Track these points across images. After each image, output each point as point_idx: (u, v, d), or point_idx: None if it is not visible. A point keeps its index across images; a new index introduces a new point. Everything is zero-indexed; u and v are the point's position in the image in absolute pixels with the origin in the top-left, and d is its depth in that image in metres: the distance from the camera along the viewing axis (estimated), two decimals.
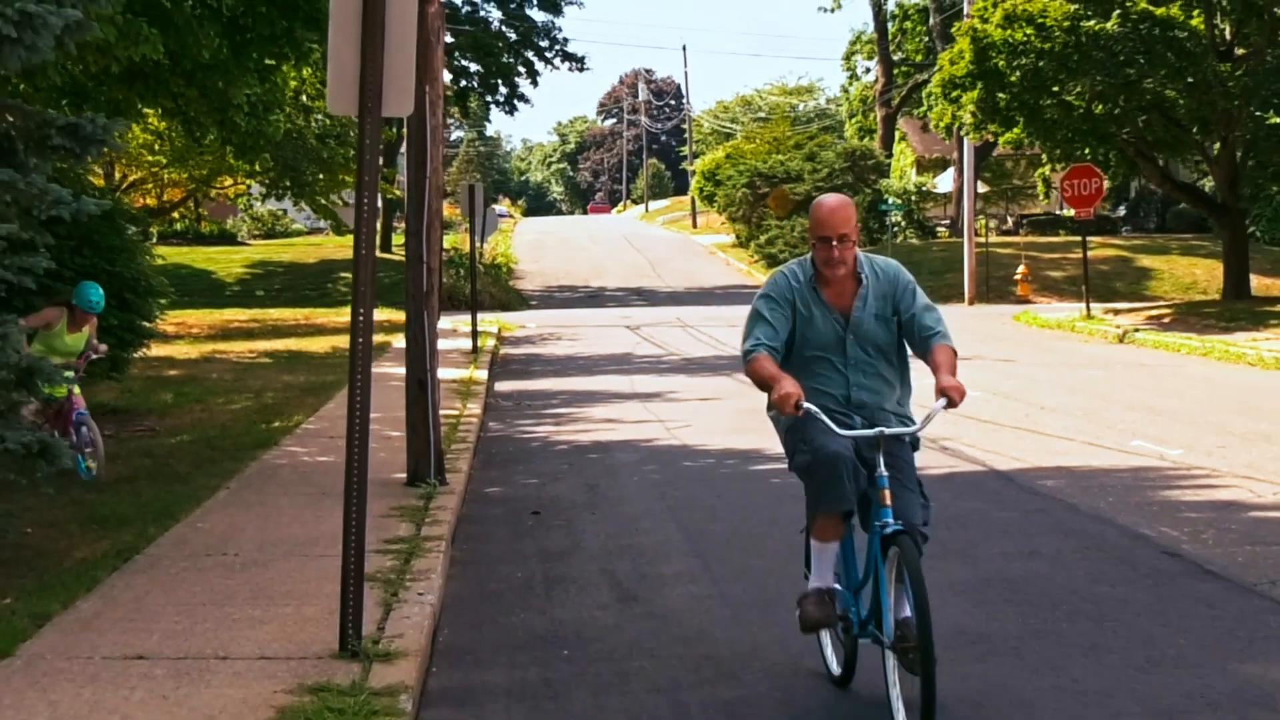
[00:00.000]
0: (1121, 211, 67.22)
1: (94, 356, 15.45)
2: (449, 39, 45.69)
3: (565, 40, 63.44)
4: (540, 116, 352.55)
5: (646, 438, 18.75)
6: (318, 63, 21.14)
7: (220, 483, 14.54)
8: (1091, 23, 34.78)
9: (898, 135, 75.29)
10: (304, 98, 32.94)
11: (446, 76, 40.53)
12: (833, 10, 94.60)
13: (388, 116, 8.91)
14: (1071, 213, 41.83)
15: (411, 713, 7.60)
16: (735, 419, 19.78)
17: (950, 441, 17.09)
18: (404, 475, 14.50)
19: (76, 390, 14.86)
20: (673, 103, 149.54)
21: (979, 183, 63.93)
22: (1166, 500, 13.56)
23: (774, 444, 8.67)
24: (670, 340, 34.81)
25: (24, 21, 10.50)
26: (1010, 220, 68.70)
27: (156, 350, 24.83)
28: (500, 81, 62.95)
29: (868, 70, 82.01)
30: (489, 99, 64.73)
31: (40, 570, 10.70)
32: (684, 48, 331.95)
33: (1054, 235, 61.05)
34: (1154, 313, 38.31)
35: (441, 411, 15.60)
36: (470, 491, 14.94)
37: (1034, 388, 23.24)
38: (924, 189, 68.60)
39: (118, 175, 43.96)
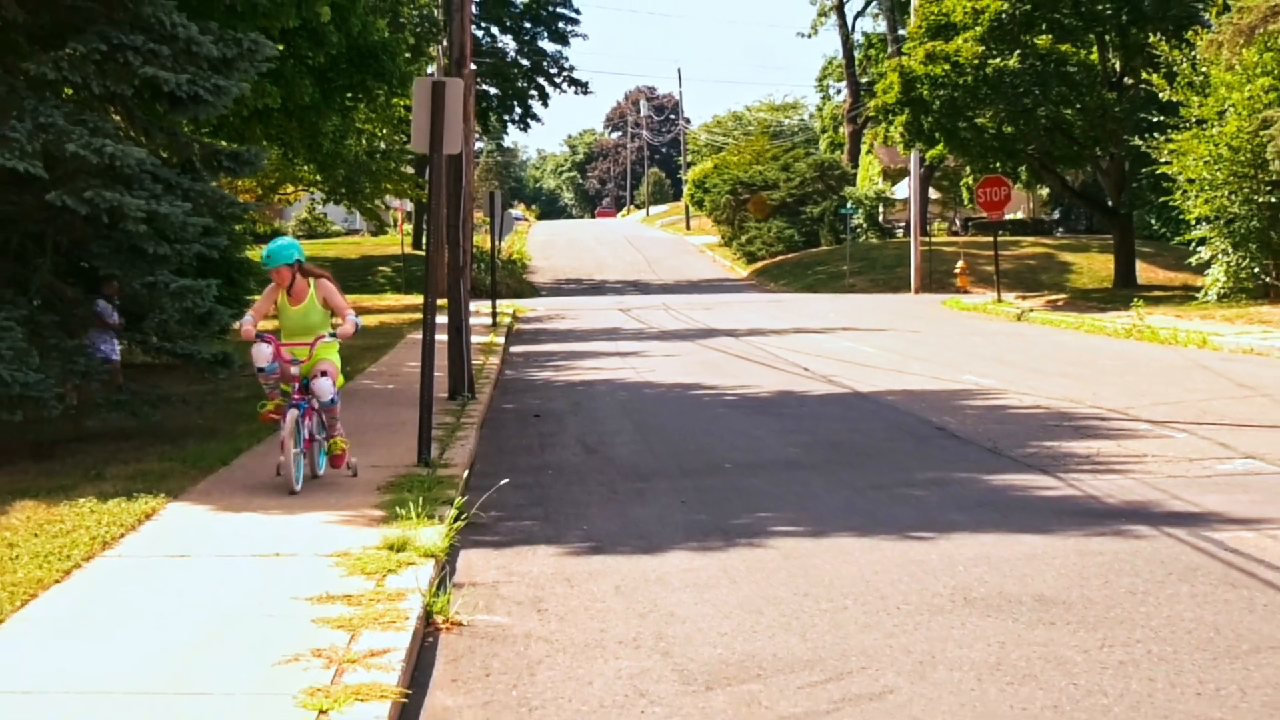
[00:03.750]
0: (1056, 215, 71.96)
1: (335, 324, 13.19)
2: (472, 66, 50.94)
3: (572, 68, 68.96)
4: (553, 129, 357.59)
5: (620, 379, 23.87)
6: (381, 103, 26.50)
7: None
8: (997, 60, 40.04)
9: (865, 148, 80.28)
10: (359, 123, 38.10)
11: None
12: (810, 36, 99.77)
13: (447, 152, 14.20)
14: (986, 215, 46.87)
15: (459, 488, 12.74)
16: (687, 368, 24.95)
17: (834, 376, 22.36)
18: (446, 394, 19.67)
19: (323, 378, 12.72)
20: (672, 117, 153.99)
21: (932, 189, 68.94)
22: (958, 405, 18.75)
23: (711, 380, 13.78)
24: (653, 319, 39.91)
25: (216, 90, 15.79)
26: (958, 222, 73.44)
27: None
28: (516, 103, 68.24)
29: (838, 91, 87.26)
30: (506, 117, 69.97)
31: (217, 438, 15.93)
32: (679, 71, 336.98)
33: (995, 236, 65.77)
34: (1054, 298, 43.43)
35: (469, 363, 20.86)
36: (491, 406, 20.15)
37: (919, 348, 28.24)
38: (883, 196, 73.48)
39: None
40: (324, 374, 12.30)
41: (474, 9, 52.56)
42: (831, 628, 8.19)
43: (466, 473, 13.72)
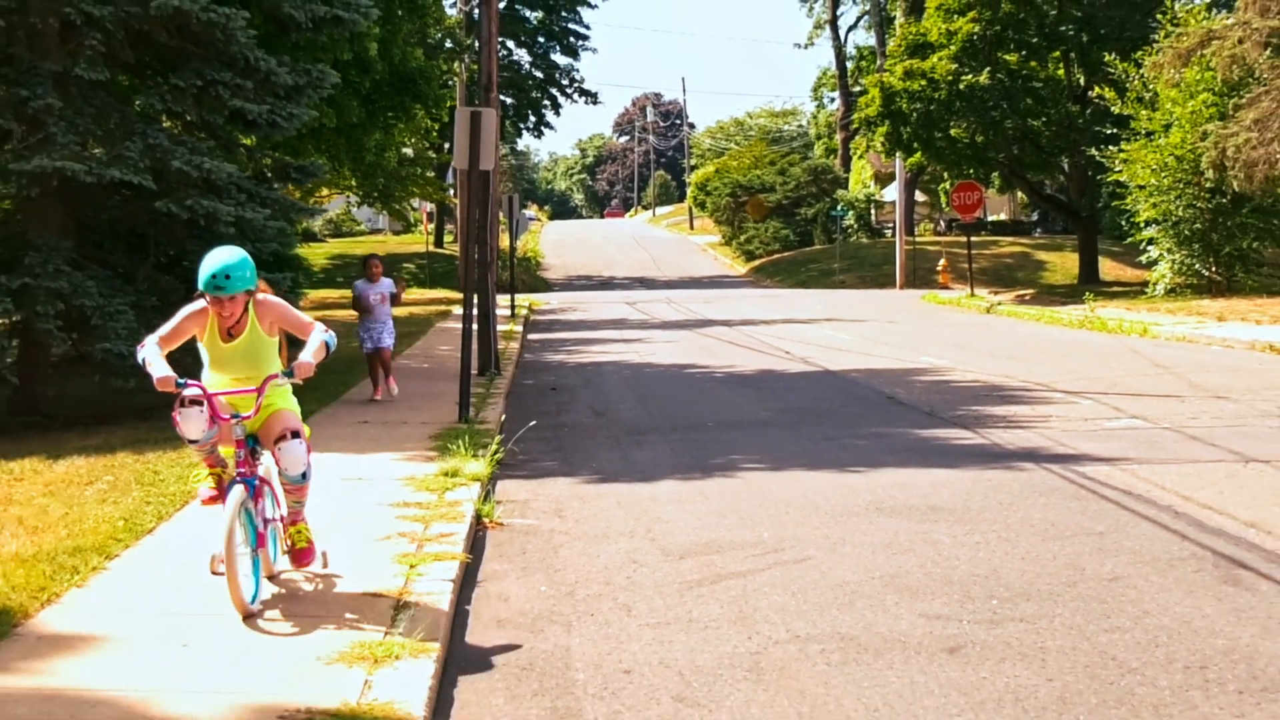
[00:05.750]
0: (1035, 216, 74.43)
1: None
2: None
3: (582, 80, 71.58)
4: (564, 133, 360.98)
5: (625, 360, 26.49)
6: (419, 120, 29.29)
7: None
8: (969, 76, 42.69)
9: (857, 154, 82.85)
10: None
11: None
12: (806, 47, 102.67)
13: (482, 169, 16.87)
14: (959, 217, 49.49)
15: (494, 437, 15.36)
16: (684, 352, 27.60)
17: (811, 358, 25.03)
18: (476, 370, 22.29)
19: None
20: (677, 123, 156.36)
21: (919, 192, 71.42)
22: (910, 380, 21.38)
23: (704, 361, 16.36)
24: (657, 311, 42.53)
25: (289, 117, 18.47)
26: (942, 223, 75.91)
27: None
28: (530, 111, 70.98)
29: (832, 100, 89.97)
30: (521, 125, 72.64)
31: None
32: (683, 80, 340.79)
33: (976, 235, 68.31)
34: (1023, 293, 46.02)
35: (495, 344, 23.51)
36: (514, 381, 22.80)
37: (891, 335, 30.84)
38: (872, 199, 75.99)
39: None
40: (293, 435, 8.47)
41: None
42: (775, 525, 10.83)
43: (498, 428, 16.36)
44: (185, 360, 9.40)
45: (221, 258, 8.15)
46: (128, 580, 8.82)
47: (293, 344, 8.85)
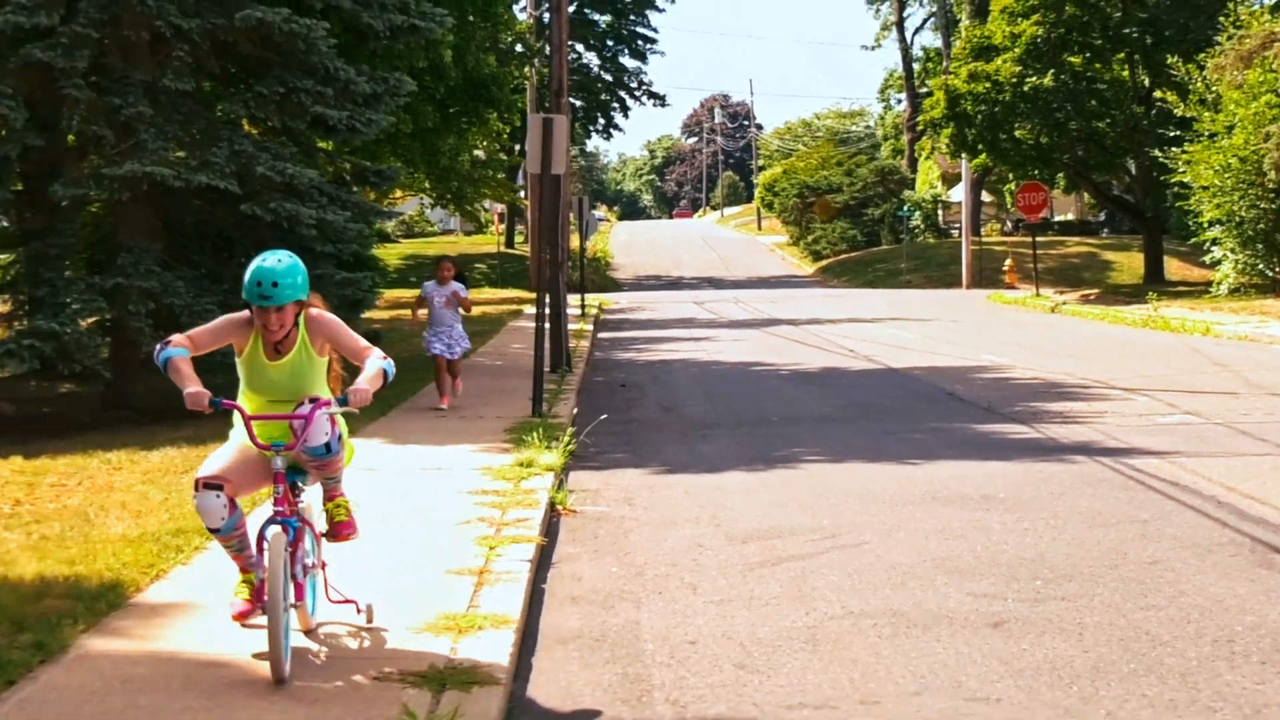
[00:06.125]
0: (1102, 216, 74.27)
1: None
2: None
3: (650, 82, 72.48)
4: (632, 134, 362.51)
5: (693, 358, 27.01)
6: (491, 125, 30.00)
7: None
8: (1033, 79, 42.93)
9: (924, 154, 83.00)
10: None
11: None
12: (873, 49, 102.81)
13: (554, 173, 17.45)
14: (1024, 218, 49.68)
15: (566, 428, 15.89)
16: (750, 350, 28.10)
17: (874, 356, 25.48)
18: (548, 367, 22.87)
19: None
20: (745, 123, 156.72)
21: (985, 192, 71.49)
22: (971, 377, 21.78)
23: (770, 359, 16.83)
24: (724, 310, 43.03)
25: (368, 122, 19.13)
26: (1009, 223, 75.89)
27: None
28: (599, 114, 71.66)
29: (899, 101, 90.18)
30: (590, 127, 73.34)
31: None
32: (750, 81, 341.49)
33: (1042, 235, 68.35)
34: (1088, 293, 46.16)
35: (566, 342, 24.10)
36: (585, 378, 23.37)
37: (954, 334, 31.20)
38: (939, 199, 76.14)
39: None
40: (311, 402, 7.21)
41: None
42: (834, 513, 11.32)
43: (570, 422, 16.91)
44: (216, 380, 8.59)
45: (269, 262, 7.01)
46: (227, 558, 9.43)
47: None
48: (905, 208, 68.99)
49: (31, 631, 7.41)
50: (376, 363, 7.25)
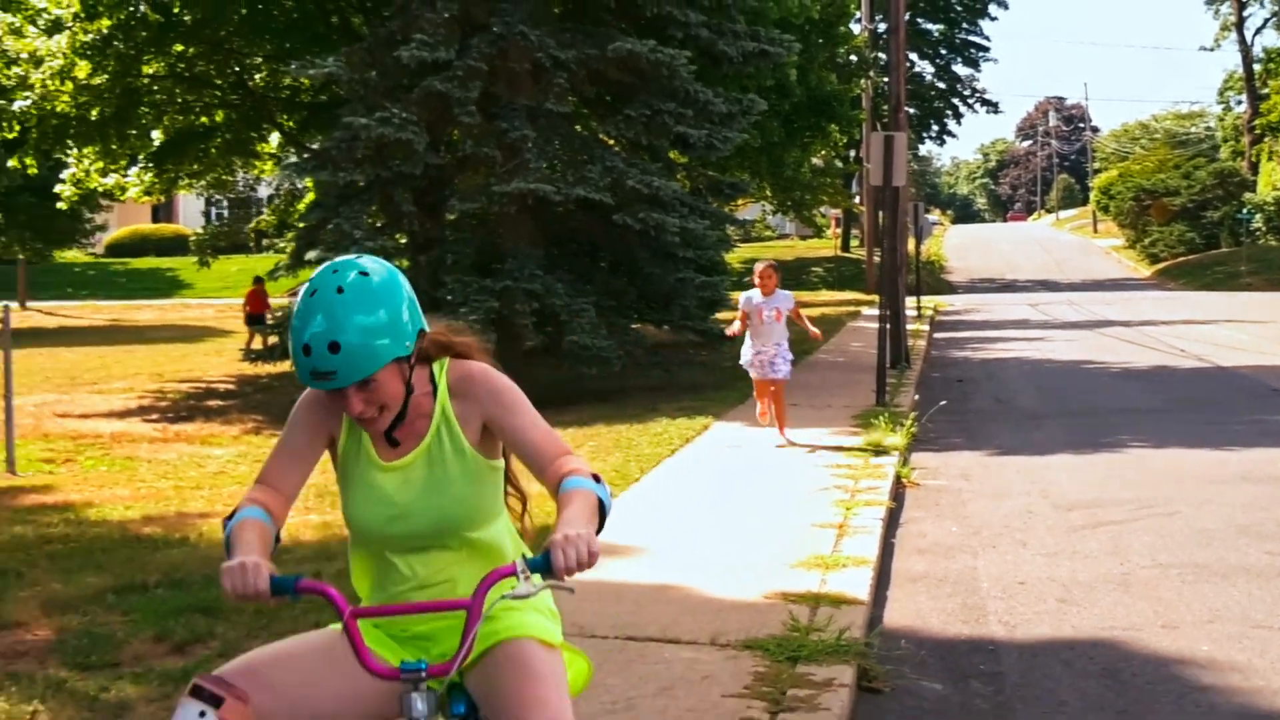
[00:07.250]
0: None
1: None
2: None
3: (983, 90, 72.94)
4: (965, 138, 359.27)
5: (1026, 357, 28.03)
6: (832, 137, 31.65)
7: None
8: None
9: (1265, 156, 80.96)
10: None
11: None
12: (1212, 49, 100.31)
13: (895, 184, 18.94)
14: None
15: (908, 414, 17.32)
16: (1082, 349, 28.94)
17: (1205, 355, 26.17)
18: (888, 364, 24.30)
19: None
20: (1080, 126, 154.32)
21: None
22: None
23: (1101, 357, 17.99)
24: (1058, 312, 43.56)
25: (724, 140, 20.94)
26: None
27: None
28: (932, 121, 72.55)
29: (1239, 102, 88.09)
30: (923, 134, 74.27)
31: (724, 389, 21.00)
32: (1085, 85, 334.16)
33: None
34: None
35: (905, 340, 25.51)
36: (922, 374, 24.72)
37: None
38: None
39: None
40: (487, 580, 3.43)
41: None
42: (1151, 487, 12.56)
43: (910, 407, 18.36)
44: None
45: (317, 306, 3.45)
46: (631, 510, 11.27)
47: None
48: (1246, 210, 67.69)
49: None
50: (585, 484, 3.62)
